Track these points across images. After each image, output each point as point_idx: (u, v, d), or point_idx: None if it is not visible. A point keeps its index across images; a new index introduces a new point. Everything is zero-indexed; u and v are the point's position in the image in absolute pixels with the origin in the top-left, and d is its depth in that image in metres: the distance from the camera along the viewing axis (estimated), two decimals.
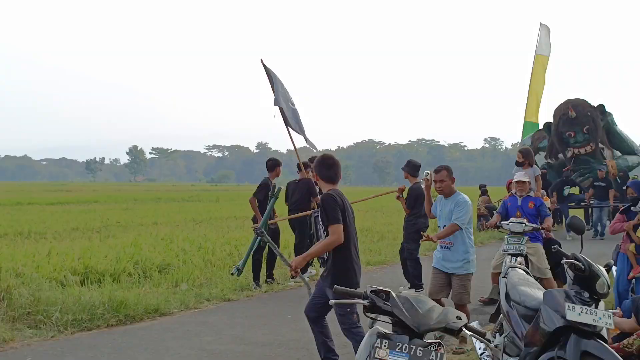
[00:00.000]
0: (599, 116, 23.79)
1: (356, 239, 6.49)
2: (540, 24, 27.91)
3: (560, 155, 24.94)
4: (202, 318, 9.52)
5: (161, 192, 63.84)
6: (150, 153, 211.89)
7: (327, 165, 6.52)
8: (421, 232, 8.84)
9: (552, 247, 5.76)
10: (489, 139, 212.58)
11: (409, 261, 12.04)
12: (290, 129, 13.59)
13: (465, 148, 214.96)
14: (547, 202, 11.11)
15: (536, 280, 7.88)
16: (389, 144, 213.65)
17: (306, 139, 14.29)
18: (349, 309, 6.22)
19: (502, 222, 9.61)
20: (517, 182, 10.08)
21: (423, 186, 10.02)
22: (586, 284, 5.07)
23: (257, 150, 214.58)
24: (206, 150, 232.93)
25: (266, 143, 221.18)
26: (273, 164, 12.76)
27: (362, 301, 3.93)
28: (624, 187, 21.00)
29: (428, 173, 8.29)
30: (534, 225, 9.46)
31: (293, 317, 9.51)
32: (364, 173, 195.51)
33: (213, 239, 17.08)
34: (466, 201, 7.62)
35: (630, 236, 8.67)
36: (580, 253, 5.31)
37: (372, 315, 3.98)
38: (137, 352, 7.73)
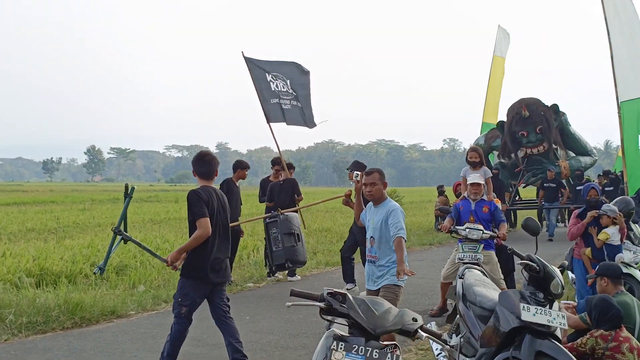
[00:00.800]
0: (552, 116, 23.27)
1: (225, 233, 6.81)
2: (499, 26, 28.38)
3: (513, 155, 24.39)
4: (159, 320, 9.43)
5: (119, 192, 63.04)
6: (109, 153, 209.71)
7: (202, 161, 6.77)
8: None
9: (508, 248, 5.75)
10: (447, 140, 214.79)
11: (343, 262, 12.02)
12: (276, 125, 14.25)
13: (425, 149, 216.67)
14: (499, 204, 10.92)
15: None
16: (349, 144, 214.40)
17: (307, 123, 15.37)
18: (180, 299, 6.59)
19: (458, 227, 8.86)
20: (471, 184, 9.38)
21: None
22: (541, 285, 5.14)
23: (217, 150, 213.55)
24: (165, 150, 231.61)
25: (226, 143, 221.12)
26: (235, 166, 12.65)
27: (318, 303, 3.91)
28: (577, 189, 20.93)
29: (358, 174, 7.38)
30: (492, 233, 8.84)
31: (251, 318, 9.48)
32: (323, 173, 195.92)
33: (171, 240, 16.97)
34: (398, 208, 6.65)
35: (584, 240, 8.78)
36: (535, 254, 5.37)
37: (329, 318, 3.97)
38: (93, 354, 7.63)
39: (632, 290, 8.68)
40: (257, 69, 15.53)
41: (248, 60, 15.45)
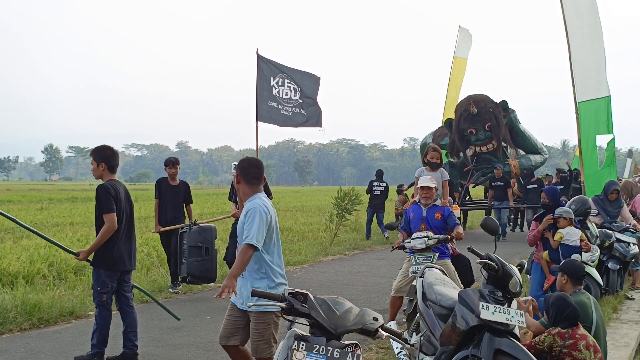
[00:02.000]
0: (501, 113, 22.35)
1: (131, 224, 7.35)
2: (460, 27, 28.58)
3: (462, 154, 23.42)
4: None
5: (78, 191, 62.40)
6: (67, 151, 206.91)
7: (114, 155, 7.31)
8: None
9: (468, 247, 5.76)
10: (408, 139, 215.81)
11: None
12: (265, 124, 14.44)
13: (385, 148, 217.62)
14: (457, 211, 10.21)
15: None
16: (310, 143, 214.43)
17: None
18: (99, 288, 7.05)
19: (405, 242, 8.16)
20: (422, 188, 8.38)
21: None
22: (499, 284, 5.19)
23: (177, 149, 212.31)
24: (124, 149, 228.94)
25: (186, 142, 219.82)
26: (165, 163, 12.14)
27: (279, 303, 3.93)
28: (528, 187, 20.91)
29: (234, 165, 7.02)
30: (439, 236, 7.99)
31: (212, 318, 9.44)
32: (284, 172, 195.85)
33: None
34: (258, 207, 5.28)
35: (543, 244, 8.88)
36: (494, 253, 5.42)
37: (290, 318, 3.99)
38: (51, 356, 7.54)
39: (588, 288, 8.80)
40: (266, 70, 15.90)
41: (261, 59, 15.87)
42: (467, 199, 24.91)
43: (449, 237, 8.05)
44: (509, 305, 5.11)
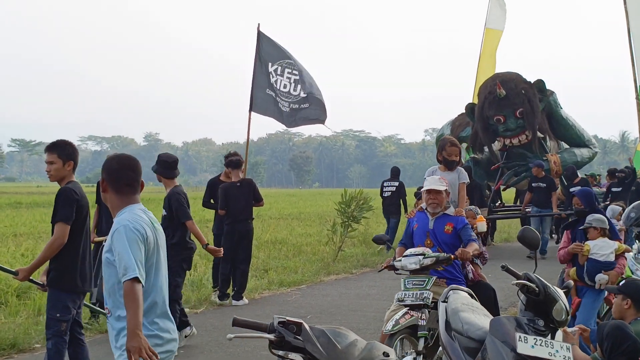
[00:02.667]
0: (536, 95, 20.88)
1: (88, 236, 7.32)
2: None
3: (487, 148, 22.35)
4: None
5: (22, 194, 62.49)
6: (9, 146, 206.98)
7: (76, 152, 7.31)
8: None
9: (502, 265, 5.69)
10: (430, 131, 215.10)
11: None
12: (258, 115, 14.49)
13: (402, 141, 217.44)
14: (482, 224, 9.52)
15: None
16: (309, 135, 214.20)
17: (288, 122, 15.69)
18: (58, 315, 6.89)
19: (395, 261, 7.67)
20: (428, 191, 7.99)
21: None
22: (541, 310, 5.17)
23: (145, 143, 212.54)
24: (80, 142, 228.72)
25: (156, 134, 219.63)
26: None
27: (267, 335, 3.91)
28: (571, 190, 19.18)
29: None
30: (438, 254, 7.43)
31: (187, 352, 9.44)
32: (278, 171, 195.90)
33: None
34: (121, 228, 4.58)
35: (573, 259, 8.83)
36: (534, 272, 5.40)
37: (280, 353, 3.97)
38: None
39: None
40: (265, 51, 16.18)
41: (261, 37, 16.15)
42: (497, 204, 23.96)
43: (452, 256, 7.46)
44: (553, 337, 5.09)
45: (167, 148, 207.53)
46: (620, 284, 7.10)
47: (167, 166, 10.16)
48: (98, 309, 8.62)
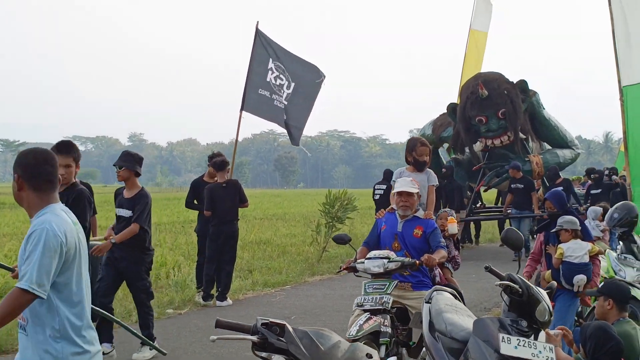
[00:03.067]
0: (519, 96, 20.64)
1: None
2: None
3: (468, 149, 22.01)
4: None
5: (6, 195, 62.08)
6: None
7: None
8: None
9: (485, 266, 5.68)
10: (415, 131, 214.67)
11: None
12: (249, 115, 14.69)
13: (387, 142, 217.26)
14: (453, 225, 9.17)
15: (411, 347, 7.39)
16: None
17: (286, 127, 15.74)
18: None
19: (357, 262, 7.48)
20: (399, 193, 7.75)
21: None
22: (524, 311, 5.17)
23: (130, 143, 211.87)
24: None
25: (141, 134, 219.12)
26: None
27: (250, 337, 3.90)
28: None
29: None
30: (404, 258, 7.29)
31: (171, 353, 9.41)
32: (263, 171, 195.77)
33: None
34: (41, 230, 4.19)
35: (548, 262, 8.81)
36: (517, 273, 5.41)
37: (264, 354, 3.96)
38: None
39: (634, 315, 8.79)
40: (264, 49, 16.24)
41: (260, 35, 16.17)
42: (478, 205, 23.86)
43: (418, 262, 7.24)
44: (536, 338, 5.10)
45: (152, 148, 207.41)
46: (600, 285, 7.14)
47: (139, 162, 9.57)
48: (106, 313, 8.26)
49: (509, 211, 20.53)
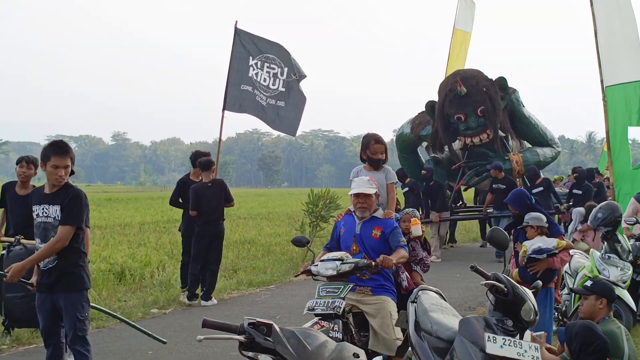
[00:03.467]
0: (498, 93, 20.12)
1: None
2: None
3: (447, 148, 21.60)
4: (38, 356, 9.27)
5: None
6: None
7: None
8: None
9: (471, 266, 5.66)
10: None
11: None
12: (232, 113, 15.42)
13: None
14: (417, 227, 8.66)
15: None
16: (278, 135, 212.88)
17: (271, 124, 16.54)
18: (86, 314, 6.84)
19: (312, 266, 7.20)
20: (355, 195, 7.42)
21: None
22: (510, 310, 5.18)
23: (113, 142, 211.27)
24: (47, 141, 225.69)
25: (124, 133, 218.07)
26: None
27: (237, 337, 3.90)
28: (534, 191, 18.95)
29: None
30: (357, 260, 6.96)
31: (155, 353, 9.40)
32: (247, 171, 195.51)
33: None
34: None
35: (517, 261, 8.75)
36: (502, 272, 5.42)
37: (250, 354, 3.96)
38: None
39: (619, 315, 8.83)
40: (244, 47, 16.22)
41: (240, 33, 16.20)
42: (459, 205, 23.32)
43: (373, 263, 6.92)
44: (521, 337, 5.11)
45: (135, 147, 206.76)
46: (588, 284, 7.15)
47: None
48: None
49: (489, 211, 20.07)
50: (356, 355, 3.85)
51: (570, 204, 18.81)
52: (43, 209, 6.78)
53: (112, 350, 9.60)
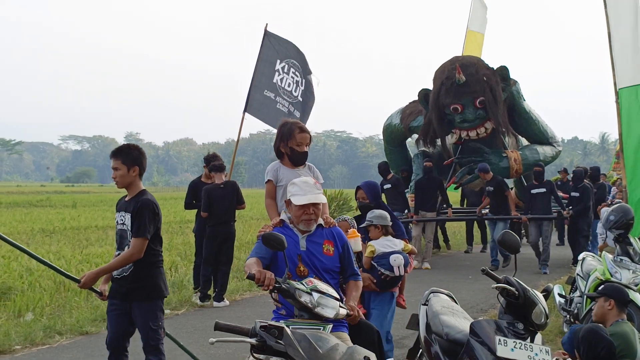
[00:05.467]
0: (499, 83, 18.46)
1: None
2: None
3: (440, 141, 19.74)
4: (51, 356, 9.32)
5: (2, 194, 62.12)
6: None
7: (141, 156, 6.85)
8: None
9: (482, 269, 5.67)
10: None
11: None
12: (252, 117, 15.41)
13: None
14: (356, 241, 7.46)
15: None
16: None
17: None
18: (160, 323, 6.74)
19: (296, 290, 4.84)
20: (305, 206, 5.64)
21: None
22: (520, 313, 5.19)
23: (126, 142, 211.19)
24: (61, 142, 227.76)
25: (137, 133, 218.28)
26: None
27: (249, 339, 3.92)
28: (533, 192, 17.83)
29: None
30: (346, 309, 5.02)
31: (168, 354, 9.41)
32: (259, 171, 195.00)
33: (67, 255, 16.76)
34: None
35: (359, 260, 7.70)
36: (513, 276, 5.42)
37: (262, 357, 3.99)
38: None
39: (631, 317, 8.81)
40: (273, 49, 16.31)
41: (269, 36, 16.31)
42: (443, 206, 19.51)
43: (351, 314, 5.18)
44: (532, 340, 5.12)
45: (148, 148, 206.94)
46: (600, 288, 7.16)
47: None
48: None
49: (484, 212, 18.73)
50: (367, 359, 3.87)
51: (571, 208, 17.99)
52: (121, 215, 6.72)
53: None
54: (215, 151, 14.60)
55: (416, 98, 20.06)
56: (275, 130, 8.63)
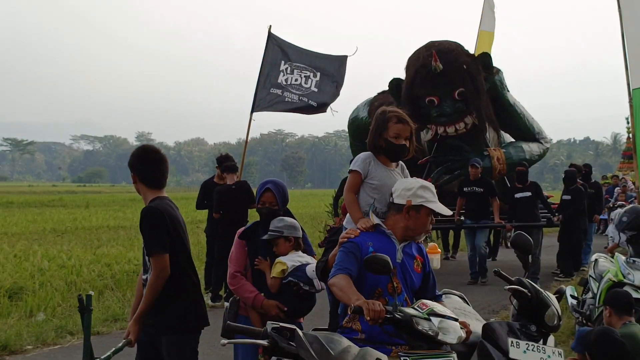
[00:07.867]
0: (481, 72, 16.41)
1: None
2: None
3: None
4: (62, 356, 9.33)
5: (14, 194, 62.38)
6: (1, 145, 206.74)
7: (150, 160, 5.84)
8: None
9: (494, 270, 5.64)
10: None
11: None
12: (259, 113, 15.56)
13: None
14: (437, 258, 6.74)
15: None
16: (302, 136, 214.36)
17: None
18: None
19: (418, 314, 4.36)
20: (429, 215, 4.85)
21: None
22: (533, 315, 5.17)
23: (138, 143, 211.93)
24: (72, 142, 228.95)
25: (148, 133, 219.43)
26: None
27: (260, 341, 3.92)
28: (517, 196, 15.71)
29: None
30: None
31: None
32: (270, 172, 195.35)
33: (79, 255, 16.78)
34: None
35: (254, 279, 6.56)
36: (525, 276, 5.40)
37: (274, 359, 3.98)
38: None
39: None
40: (277, 52, 16.40)
41: (272, 38, 16.39)
42: None
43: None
44: (545, 342, 5.10)
45: (160, 148, 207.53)
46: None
47: None
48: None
49: (461, 219, 16.14)
50: None
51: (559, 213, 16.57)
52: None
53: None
54: (226, 151, 14.66)
55: (387, 88, 18.05)
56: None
